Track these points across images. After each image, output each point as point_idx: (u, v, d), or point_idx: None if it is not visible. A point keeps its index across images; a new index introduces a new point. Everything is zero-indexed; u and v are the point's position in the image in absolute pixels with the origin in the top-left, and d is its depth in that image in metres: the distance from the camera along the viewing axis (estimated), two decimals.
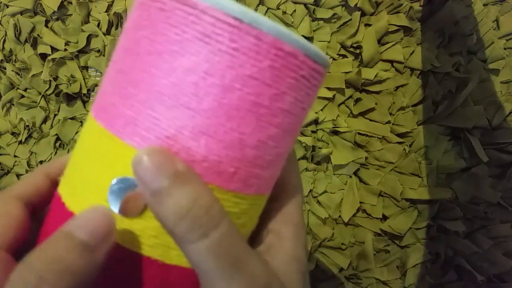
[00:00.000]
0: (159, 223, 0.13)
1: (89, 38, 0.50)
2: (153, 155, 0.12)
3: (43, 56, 0.51)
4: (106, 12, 0.49)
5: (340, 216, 0.46)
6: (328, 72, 0.46)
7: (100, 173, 0.14)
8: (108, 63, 0.15)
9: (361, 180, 0.46)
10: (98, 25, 0.49)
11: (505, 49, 0.45)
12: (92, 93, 0.51)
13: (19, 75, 0.52)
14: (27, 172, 0.52)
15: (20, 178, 0.52)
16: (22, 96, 0.52)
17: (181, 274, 0.14)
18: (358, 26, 0.45)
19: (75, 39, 0.50)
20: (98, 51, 0.50)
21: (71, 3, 0.50)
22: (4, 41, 0.52)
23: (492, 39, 0.45)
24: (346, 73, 0.45)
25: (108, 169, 0.14)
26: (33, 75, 0.51)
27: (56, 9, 0.49)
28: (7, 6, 0.51)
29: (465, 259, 0.44)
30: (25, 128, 0.52)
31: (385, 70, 0.45)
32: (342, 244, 0.46)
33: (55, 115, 0.51)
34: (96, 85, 0.50)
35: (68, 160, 0.16)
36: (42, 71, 0.50)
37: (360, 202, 0.45)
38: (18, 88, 0.52)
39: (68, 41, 0.50)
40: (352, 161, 0.45)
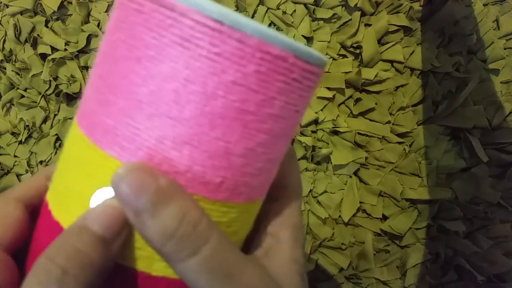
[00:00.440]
0: None
1: (89, 38, 0.50)
2: (133, 173, 0.12)
3: (43, 56, 0.51)
4: (106, 12, 0.49)
5: (340, 216, 0.46)
6: (328, 72, 0.46)
7: (81, 182, 0.13)
8: None
9: (361, 180, 0.46)
10: (98, 25, 0.49)
11: (505, 49, 0.45)
12: None
13: (19, 75, 0.52)
14: (27, 172, 0.52)
15: (20, 178, 0.52)
16: (22, 96, 0.52)
17: (169, 285, 0.13)
18: (358, 26, 0.45)
19: (75, 39, 0.50)
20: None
21: (71, 3, 0.50)
22: (4, 41, 0.52)
23: (492, 39, 0.45)
24: (346, 73, 0.45)
25: (89, 179, 0.13)
26: (33, 75, 0.51)
27: (56, 9, 0.49)
28: (7, 6, 0.51)
29: (465, 259, 0.44)
30: (25, 128, 0.52)
31: (385, 70, 0.45)
32: (342, 244, 0.46)
33: (55, 115, 0.51)
34: None
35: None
36: (42, 71, 0.50)
37: (360, 202, 0.45)
38: (18, 88, 0.52)
39: (68, 41, 0.50)
40: (352, 161, 0.45)
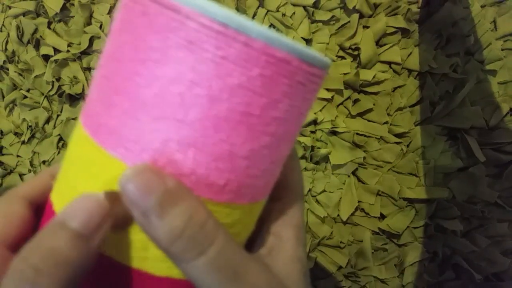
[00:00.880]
0: (146, 236, 0.13)
1: (91, 40, 0.50)
2: (140, 174, 0.12)
3: (46, 57, 0.51)
4: (108, 14, 0.50)
5: (338, 215, 0.46)
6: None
7: (85, 183, 0.13)
8: None
9: (359, 180, 0.47)
10: (100, 26, 0.50)
11: (502, 50, 0.45)
12: None
13: (21, 76, 0.52)
14: (29, 172, 0.52)
15: (23, 178, 0.53)
16: (25, 97, 0.52)
17: (172, 285, 0.13)
18: (357, 28, 0.46)
19: (78, 40, 0.50)
20: (101, 52, 0.50)
21: (73, 4, 0.50)
22: (7, 42, 0.52)
23: (490, 40, 0.45)
24: (345, 74, 0.46)
25: (93, 180, 0.13)
26: (36, 76, 0.51)
27: (58, 11, 0.50)
28: (10, 8, 0.51)
29: (462, 258, 0.44)
30: (28, 129, 0.52)
31: (383, 71, 0.46)
32: (341, 242, 0.46)
33: (58, 116, 0.52)
34: None
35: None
36: (44, 72, 0.51)
37: (359, 201, 0.46)
38: (21, 89, 0.52)
39: (71, 43, 0.51)
40: (351, 161, 0.46)
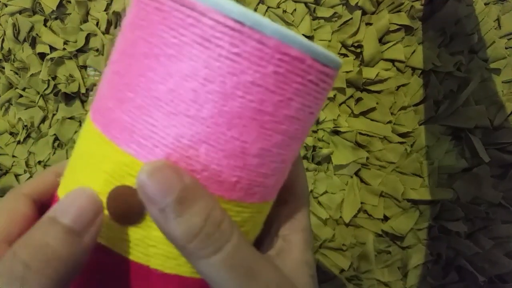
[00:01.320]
0: (158, 233, 0.13)
1: (88, 37, 0.49)
2: (160, 171, 0.12)
3: (42, 56, 0.51)
4: (105, 11, 0.49)
5: (341, 217, 0.46)
6: None
7: (96, 179, 0.13)
8: (107, 62, 0.15)
9: (362, 181, 0.46)
10: (97, 24, 0.49)
11: (506, 48, 0.45)
12: (91, 93, 0.51)
13: (17, 74, 0.52)
14: (25, 173, 0.52)
15: (19, 178, 0.52)
16: (21, 96, 0.52)
17: (181, 283, 0.14)
18: (359, 25, 0.45)
19: (74, 38, 0.50)
20: (97, 50, 0.49)
21: (70, 2, 0.50)
22: (3, 41, 0.52)
23: (493, 38, 0.45)
24: (347, 72, 0.45)
25: (104, 176, 0.13)
26: (32, 75, 0.50)
27: (55, 8, 0.49)
28: (6, 6, 0.51)
29: (466, 260, 0.44)
30: (23, 128, 0.51)
31: (386, 70, 0.45)
32: (343, 245, 0.46)
33: (54, 115, 0.51)
34: (95, 85, 0.50)
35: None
36: (40, 71, 0.50)
37: (361, 203, 0.45)
38: (16, 88, 0.52)
39: (67, 40, 0.50)
40: (353, 161, 0.45)
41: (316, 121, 0.46)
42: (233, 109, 0.12)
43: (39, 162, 0.51)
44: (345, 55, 0.46)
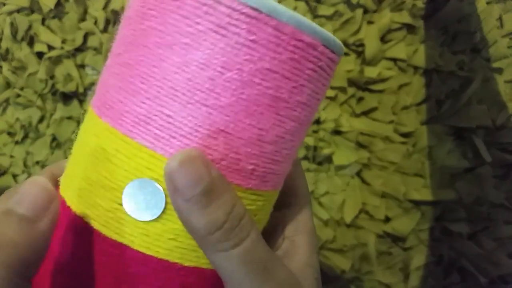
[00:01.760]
0: (177, 226, 0.13)
1: (86, 36, 0.49)
2: (189, 162, 0.12)
3: (40, 55, 0.50)
4: (103, 9, 0.49)
5: (342, 218, 0.45)
6: None
7: (109, 174, 0.13)
8: (105, 61, 0.15)
9: (363, 181, 0.46)
10: (95, 22, 0.49)
11: (508, 47, 0.45)
12: (89, 92, 0.50)
13: (15, 74, 0.51)
14: (23, 173, 0.51)
15: (17, 178, 0.52)
16: (19, 96, 0.51)
17: (200, 275, 0.14)
18: (361, 24, 0.45)
19: (72, 37, 0.49)
20: (95, 49, 0.49)
21: (68, 0, 0.50)
22: (1, 40, 0.51)
23: (496, 37, 0.45)
24: (349, 71, 0.45)
25: (118, 170, 0.13)
26: (30, 74, 0.50)
27: (53, 7, 0.49)
28: (4, 5, 0.50)
29: (468, 260, 0.44)
30: (21, 128, 0.51)
31: (388, 69, 0.45)
32: (344, 246, 0.45)
33: (52, 115, 0.51)
34: (93, 84, 0.50)
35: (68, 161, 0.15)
36: (38, 70, 0.50)
37: (363, 203, 0.45)
38: (14, 87, 0.52)
39: (65, 39, 0.50)
40: (355, 162, 0.45)
41: (317, 121, 0.45)
42: (250, 97, 0.12)
43: (37, 162, 0.51)
44: (346, 54, 0.46)
